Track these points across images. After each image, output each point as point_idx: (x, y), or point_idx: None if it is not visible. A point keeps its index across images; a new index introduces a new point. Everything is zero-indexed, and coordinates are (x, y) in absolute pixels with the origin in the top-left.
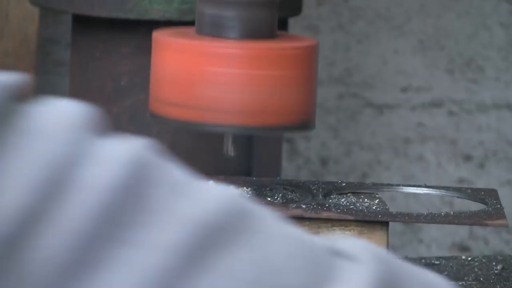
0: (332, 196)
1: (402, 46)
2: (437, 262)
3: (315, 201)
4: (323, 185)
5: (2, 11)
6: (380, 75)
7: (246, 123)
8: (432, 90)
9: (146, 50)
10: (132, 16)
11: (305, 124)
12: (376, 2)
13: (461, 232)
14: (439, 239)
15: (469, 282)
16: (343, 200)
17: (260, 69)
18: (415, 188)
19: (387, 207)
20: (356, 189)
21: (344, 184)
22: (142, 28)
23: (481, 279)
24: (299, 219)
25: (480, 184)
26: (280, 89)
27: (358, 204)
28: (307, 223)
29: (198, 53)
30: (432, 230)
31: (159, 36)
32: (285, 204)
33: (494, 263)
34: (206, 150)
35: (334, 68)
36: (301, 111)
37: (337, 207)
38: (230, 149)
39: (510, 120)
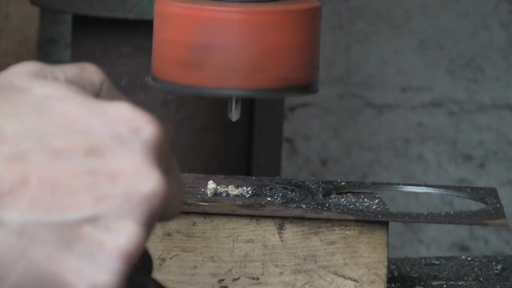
0: (332, 196)
1: (402, 46)
2: (437, 262)
3: (315, 201)
4: (322, 185)
5: (2, 11)
6: (380, 75)
7: (249, 85)
8: (432, 90)
9: (146, 50)
10: (132, 16)
11: (307, 87)
12: (376, 2)
13: (461, 232)
14: (439, 239)
15: (469, 282)
16: (343, 200)
17: (263, 31)
18: (414, 187)
19: (387, 207)
20: (356, 188)
21: (343, 183)
22: (142, 28)
23: (481, 279)
24: (299, 219)
25: (480, 184)
26: (283, 51)
27: (358, 204)
28: (307, 223)
29: (201, 16)
30: (432, 230)
31: (162, 1)
32: (285, 204)
33: (494, 263)
34: (206, 149)
35: (334, 68)
36: (303, 74)
37: (337, 207)
38: (233, 113)
39: (510, 120)
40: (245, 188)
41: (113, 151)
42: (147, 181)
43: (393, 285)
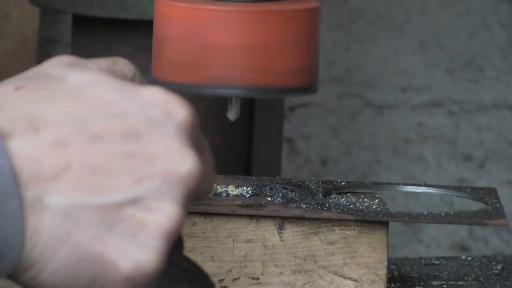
0: (332, 196)
1: (402, 46)
2: (437, 262)
3: (315, 201)
4: (322, 185)
5: (2, 11)
6: (380, 75)
7: (249, 85)
8: (432, 90)
9: (146, 50)
10: (132, 16)
11: (307, 87)
12: (376, 2)
13: (461, 232)
14: (439, 239)
15: (469, 282)
16: (343, 200)
17: (263, 30)
18: (414, 187)
19: (387, 207)
20: (356, 188)
21: (343, 183)
22: (142, 28)
23: (481, 279)
24: (299, 219)
25: (480, 184)
26: (283, 51)
27: (358, 204)
28: (307, 223)
29: (201, 15)
30: (432, 230)
31: (162, 0)
32: (285, 204)
33: (494, 263)
34: None
35: (334, 68)
36: (303, 74)
37: (337, 207)
38: (232, 113)
39: (510, 120)
40: (245, 188)
41: (149, 134)
42: (183, 162)
43: (393, 285)
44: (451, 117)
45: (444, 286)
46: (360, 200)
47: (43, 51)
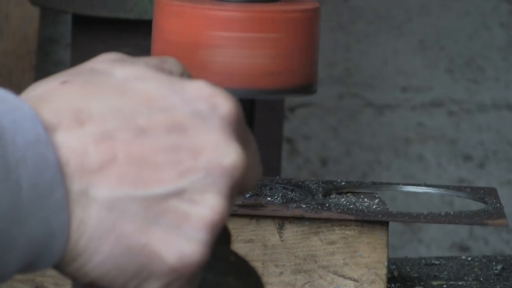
0: (332, 196)
1: (402, 46)
2: (437, 262)
3: (315, 201)
4: (322, 185)
5: (2, 11)
6: (380, 75)
7: (248, 86)
8: (432, 90)
9: (146, 50)
10: (132, 16)
11: (307, 87)
12: (376, 2)
13: (461, 232)
14: (439, 239)
15: (469, 282)
16: (343, 200)
17: (262, 32)
18: (414, 187)
19: (387, 207)
20: (356, 188)
21: (343, 183)
22: (142, 28)
23: (481, 279)
24: (299, 219)
25: (480, 184)
26: (282, 52)
27: (358, 204)
28: (307, 223)
29: (200, 16)
30: (432, 230)
31: (162, 0)
32: (285, 204)
33: (494, 263)
34: None
35: (334, 68)
36: (303, 74)
37: (337, 207)
38: None
39: (510, 120)
40: None
41: (193, 127)
42: (227, 154)
43: (393, 285)
44: (451, 117)
45: (444, 286)
46: (360, 200)
47: (43, 51)
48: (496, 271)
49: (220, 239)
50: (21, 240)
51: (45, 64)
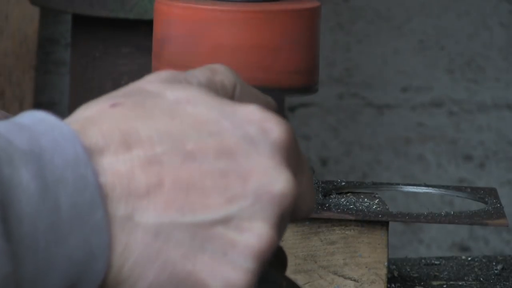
0: (332, 196)
1: (402, 46)
2: (437, 262)
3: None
4: (322, 185)
5: (2, 11)
6: (380, 75)
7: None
8: (432, 90)
9: (146, 50)
10: (132, 16)
11: (307, 87)
12: (376, 2)
13: (461, 232)
14: (439, 239)
15: (469, 282)
16: (343, 200)
17: (263, 30)
18: (414, 187)
19: (387, 207)
20: (356, 188)
21: (343, 183)
22: (142, 28)
23: (481, 279)
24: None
25: (480, 184)
26: (283, 51)
27: (358, 204)
28: (307, 223)
29: (201, 15)
30: (432, 230)
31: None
32: None
33: (494, 263)
34: None
35: (334, 68)
36: (303, 74)
37: (337, 207)
38: None
39: (510, 120)
40: None
41: (243, 152)
42: (277, 181)
43: (393, 285)
44: (451, 117)
45: (444, 286)
46: (360, 200)
47: (43, 51)
48: (496, 271)
49: (274, 263)
50: (61, 260)
51: (45, 64)
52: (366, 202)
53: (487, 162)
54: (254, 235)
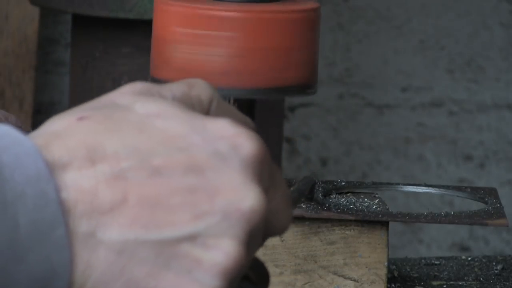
0: (332, 196)
1: (402, 46)
2: (437, 262)
3: (315, 201)
4: (322, 185)
5: (2, 11)
6: (380, 75)
7: (249, 85)
8: (432, 90)
9: (146, 50)
10: (132, 16)
11: (307, 87)
12: (376, 2)
13: (461, 232)
14: (439, 239)
15: (469, 282)
16: (343, 200)
17: (263, 31)
18: (414, 187)
19: (387, 207)
20: (356, 188)
21: (343, 183)
22: (142, 28)
23: (481, 279)
24: (299, 219)
25: (480, 184)
26: (282, 51)
27: (358, 204)
28: (307, 223)
29: (199, 16)
30: (432, 230)
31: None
32: None
33: (494, 263)
34: None
35: (334, 68)
36: (303, 74)
37: (337, 207)
38: None
39: (510, 120)
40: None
41: (212, 168)
42: (246, 197)
43: (393, 285)
44: (451, 117)
45: (444, 286)
46: (360, 200)
47: (43, 51)
48: (496, 271)
49: (255, 280)
50: (21, 278)
51: (45, 64)
52: (366, 202)
53: (487, 162)
54: (221, 252)
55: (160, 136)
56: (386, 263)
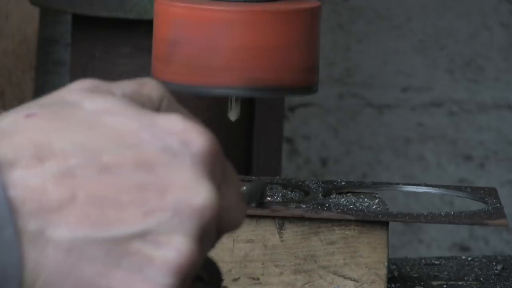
0: (332, 196)
1: (402, 46)
2: (437, 262)
3: (315, 201)
4: (322, 184)
5: (2, 11)
6: (380, 75)
7: (249, 85)
8: (432, 90)
9: (146, 50)
10: (132, 16)
11: (307, 87)
12: (376, 2)
13: (461, 232)
14: (439, 239)
15: (469, 282)
16: (343, 200)
17: (263, 30)
18: (414, 187)
19: (387, 207)
20: (356, 188)
21: (343, 183)
22: (142, 28)
23: (481, 279)
24: (299, 219)
25: (480, 184)
26: (283, 51)
27: (358, 204)
28: (307, 223)
29: (200, 15)
30: (432, 230)
31: (162, 0)
32: (285, 203)
33: (494, 263)
34: None
35: (334, 68)
36: (303, 74)
37: (337, 207)
38: (232, 113)
39: (510, 120)
40: (245, 188)
41: (162, 165)
42: (197, 194)
43: (393, 285)
44: (451, 117)
45: (444, 286)
46: (360, 200)
47: (43, 51)
48: (496, 271)
49: (207, 278)
50: None
51: (45, 64)
52: (366, 202)
53: (487, 162)
54: (173, 250)
55: (109, 132)
56: (386, 263)
